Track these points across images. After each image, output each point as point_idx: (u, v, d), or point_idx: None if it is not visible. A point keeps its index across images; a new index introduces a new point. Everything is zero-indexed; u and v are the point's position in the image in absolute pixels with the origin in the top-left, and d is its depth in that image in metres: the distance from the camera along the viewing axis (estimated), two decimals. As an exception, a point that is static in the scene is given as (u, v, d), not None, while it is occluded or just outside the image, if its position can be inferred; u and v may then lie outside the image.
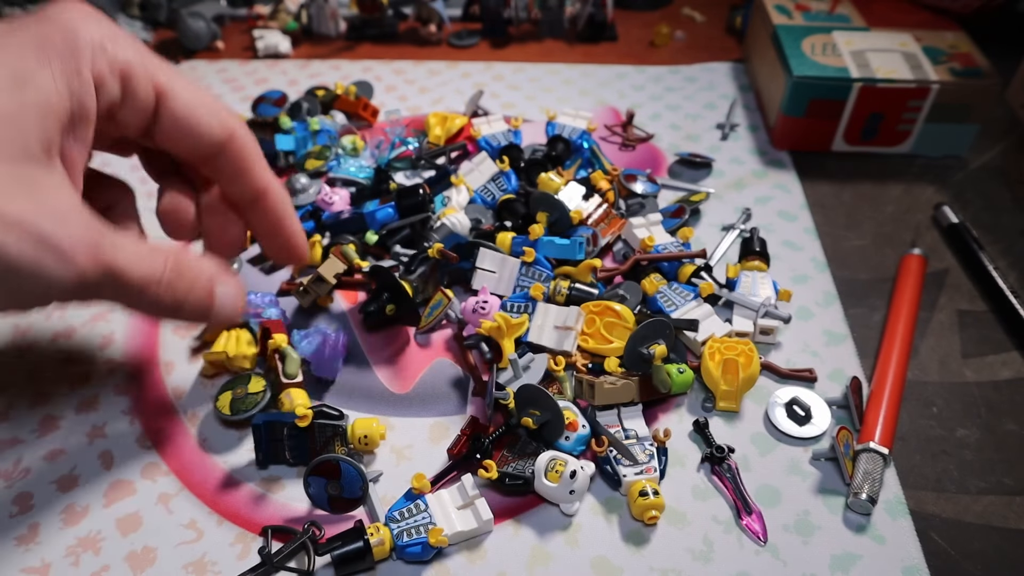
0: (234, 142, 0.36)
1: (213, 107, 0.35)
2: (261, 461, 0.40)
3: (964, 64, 0.60)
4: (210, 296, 0.36)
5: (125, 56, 0.32)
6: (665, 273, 0.50)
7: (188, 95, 0.34)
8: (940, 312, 0.50)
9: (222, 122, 0.35)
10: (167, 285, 0.33)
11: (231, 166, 0.36)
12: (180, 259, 0.34)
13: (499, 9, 0.78)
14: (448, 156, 0.61)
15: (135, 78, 0.32)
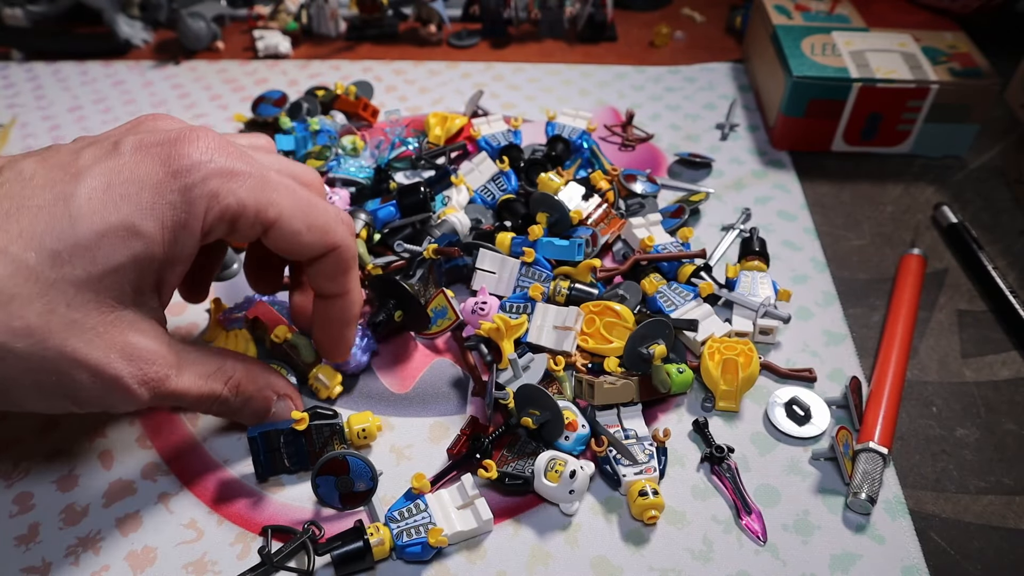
0: (334, 254, 0.38)
1: (319, 224, 0.36)
2: (260, 474, 0.40)
3: (963, 64, 0.60)
4: (266, 411, 0.40)
5: (237, 199, 0.33)
6: (665, 273, 0.50)
7: (295, 222, 0.35)
8: (939, 312, 0.50)
9: (324, 240, 0.37)
10: (222, 403, 0.38)
11: (327, 270, 0.38)
12: (240, 379, 0.38)
13: (499, 9, 0.78)
14: (448, 156, 0.62)
15: (243, 219, 0.34)
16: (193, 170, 0.32)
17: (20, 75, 0.77)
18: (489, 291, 0.48)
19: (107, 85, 0.75)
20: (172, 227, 0.32)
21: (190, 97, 0.73)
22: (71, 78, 0.76)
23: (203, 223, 0.33)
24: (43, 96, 0.74)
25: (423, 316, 0.46)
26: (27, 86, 0.75)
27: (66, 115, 0.71)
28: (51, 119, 0.71)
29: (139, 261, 0.31)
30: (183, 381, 0.35)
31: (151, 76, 0.76)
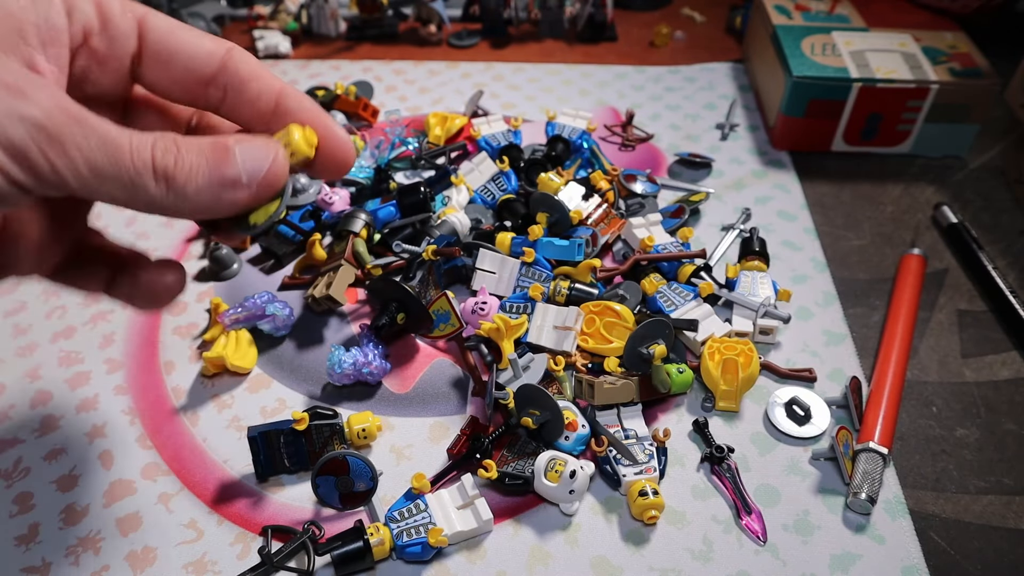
0: (232, 55, 0.30)
1: (199, 32, 0.30)
2: (260, 474, 0.40)
3: (963, 64, 0.60)
4: (227, 161, 0.27)
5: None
6: (665, 273, 0.50)
7: (171, 22, 0.29)
8: (939, 312, 0.50)
9: (214, 39, 0.30)
10: (162, 153, 0.26)
11: (236, 79, 0.29)
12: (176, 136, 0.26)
13: (499, 9, 0.78)
14: (448, 156, 0.62)
15: (110, 4, 0.28)
16: None
17: (20, 75, 0.77)
18: (489, 291, 0.48)
19: (107, 85, 0.75)
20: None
21: (190, 97, 0.73)
22: (71, 78, 0.76)
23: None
24: (43, 96, 0.74)
25: (425, 317, 0.46)
26: (27, 86, 0.75)
27: (66, 115, 0.71)
28: (51, 119, 0.70)
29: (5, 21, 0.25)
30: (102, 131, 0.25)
31: (151, 76, 0.76)
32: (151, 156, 0.25)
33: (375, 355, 0.45)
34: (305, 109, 0.30)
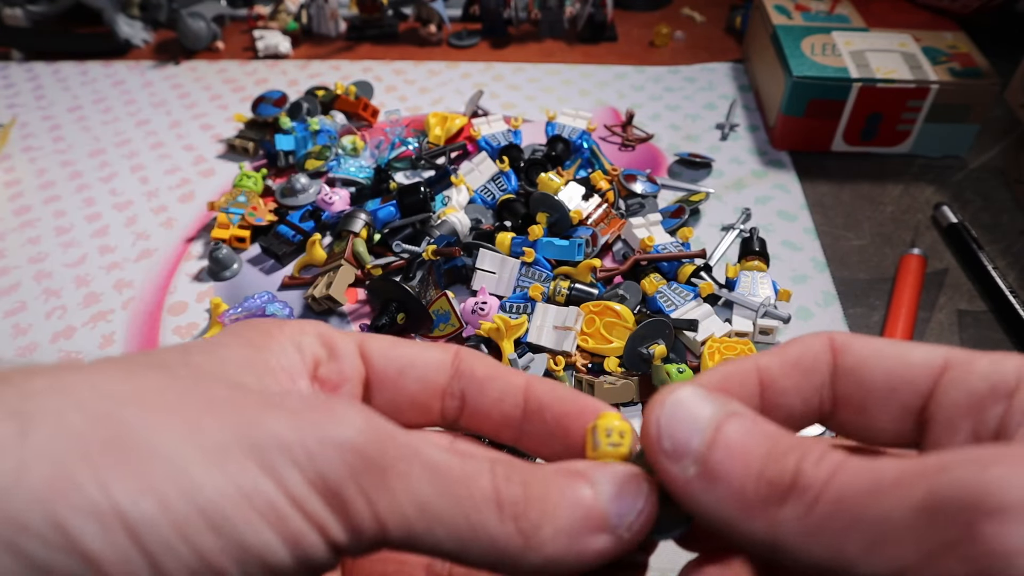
0: (461, 357, 0.23)
1: (420, 343, 0.24)
2: None
3: (963, 64, 0.60)
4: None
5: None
6: (665, 273, 0.50)
7: (389, 340, 0.24)
8: (940, 312, 0.50)
9: (438, 347, 0.24)
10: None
11: (472, 383, 0.23)
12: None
13: (499, 9, 0.78)
14: (448, 156, 0.62)
15: (330, 332, 0.23)
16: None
17: (20, 75, 0.77)
18: (489, 291, 0.48)
19: (107, 85, 0.75)
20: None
21: (190, 97, 0.73)
22: (71, 78, 0.76)
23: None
24: (43, 96, 0.74)
25: (425, 317, 0.46)
26: (27, 86, 0.75)
27: (66, 115, 0.71)
28: (51, 119, 0.71)
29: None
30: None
31: (151, 76, 0.76)
32: (492, 485, 0.18)
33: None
34: (566, 400, 0.22)
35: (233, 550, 0.15)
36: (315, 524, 0.16)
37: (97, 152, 0.66)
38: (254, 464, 0.15)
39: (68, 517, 0.13)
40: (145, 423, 0.15)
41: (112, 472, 0.14)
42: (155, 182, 0.63)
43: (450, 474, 0.18)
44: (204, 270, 0.54)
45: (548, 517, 0.18)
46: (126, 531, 0.14)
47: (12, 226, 0.59)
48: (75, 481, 0.13)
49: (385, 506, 0.17)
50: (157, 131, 0.69)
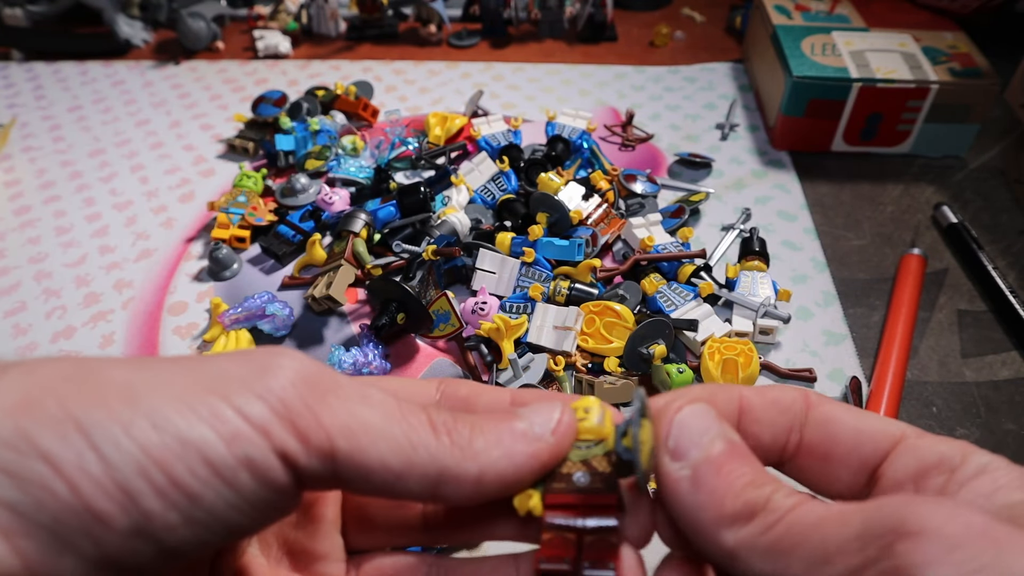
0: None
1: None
2: None
3: (963, 64, 0.60)
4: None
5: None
6: (665, 273, 0.50)
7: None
8: (939, 312, 0.50)
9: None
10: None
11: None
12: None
13: (499, 9, 0.78)
14: (448, 156, 0.62)
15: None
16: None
17: (20, 75, 0.77)
18: (489, 291, 0.48)
19: (107, 85, 0.75)
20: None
21: (190, 97, 0.73)
22: (71, 78, 0.76)
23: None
24: (43, 96, 0.74)
25: (425, 317, 0.46)
26: (27, 86, 0.75)
27: (66, 115, 0.71)
28: (51, 119, 0.71)
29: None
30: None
31: (151, 76, 0.76)
32: (425, 413, 0.21)
33: (375, 355, 0.45)
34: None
35: (174, 444, 0.17)
36: (260, 430, 0.18)
37: (97, 152, 0.66)
38: (203, 391, 0.18)
39: (29, 426, 0.16)
40: (110, 368, 0.18)
41: (71, 395, 0.17)
42: (155, 182, 0.63)
43: (386, 403, 0.20)
44: (204, 270, 0.54)
45: (478, 432, 0.21)
46: (81, 435, 0.16)
47: (12, 226, 0.59)
48: (38, 401, 0.16)
49: (329, 418, 0.19)
50: (157, 131, 0.69)
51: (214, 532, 0.18)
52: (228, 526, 0.18)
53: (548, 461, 0.21)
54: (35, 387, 0.17)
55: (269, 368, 0.19)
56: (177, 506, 0.17)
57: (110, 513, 0.16)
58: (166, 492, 0.17)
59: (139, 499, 0.17)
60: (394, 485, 0.20)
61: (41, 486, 0.16)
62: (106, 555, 0.17)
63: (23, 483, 0.16)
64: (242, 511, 0.18)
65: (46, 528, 0.16)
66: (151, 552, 0.17)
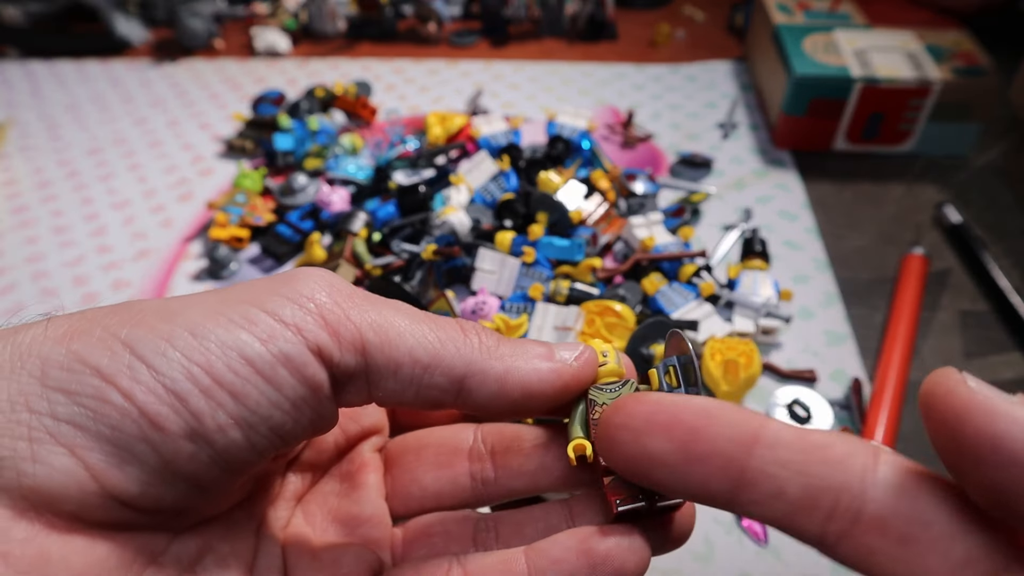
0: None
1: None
2: None
3: (966, 63, 0.59)
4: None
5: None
6: (666, 273, 0.50)
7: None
8: (942, 312, 0.50)
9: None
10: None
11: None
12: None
13: (499, 8, 0.78)
14: (448, 156, 0.61)
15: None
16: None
17: (17, 73, 0.77)
18: (489, 291, 0.48)
19: (105, 84, 0.75)
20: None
21: (188, 96, 0.72)
22: (68, 77, 0.76)
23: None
24: (40, 95, 0.73)
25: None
26: (24, 85, 0.75)
27: (63, 114, 0.71)
28: (48, 118, 0.70)
29: None
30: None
31: (149, 75, 0.76)
32: (455, 321, 0.22)
33: None
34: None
35: (214, 348, 0.18)
36: (292, 328, 0.19)
37: (95, 151, 0.66)
38: (235, 302, 0.19)
39: (79, 348, 0.18)
40: (146, 303, 0.19)
41: (114, 321, 0.18)
42: (153, 181, 0.62)
43: (413, 311, 0.21)
44: (203, 270, 0.54)
45: (506, 343, 0.22)
46: (128, 350, 0.18)
47: (9, 225, 0.59)
48: (85, 329, 0.18)
49: (358, 315, 0.20)
50: (155, 130, 0.68)
51: (261, 434, 0.19)
52: (273, 427, 0.19)
53: (570, 383, 0.22)
54: (80, 320, 0.18)
55: (296, 277, 0.20)
56: (224, 405, 0.18)
57: (163, 416, 0.17)
58: (212, 392, 0.18)
59: (188, 400, 0.18)
60: (421, 378, 0.21)
61: (97, 398, 0.17)
62: (166, 461, 0.18)
63: (80, 398, 0.17)
64: (284, 410, 0.19)
65: (107, 439, 0.17)
66: (207, 458, 0.18)
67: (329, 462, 0.26)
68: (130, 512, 0.18)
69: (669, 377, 0.22)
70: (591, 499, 0.23)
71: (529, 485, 0.25)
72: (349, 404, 0.21)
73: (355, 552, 0.23)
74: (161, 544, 0.19)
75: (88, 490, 0.17)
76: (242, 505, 0.23)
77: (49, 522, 0.17)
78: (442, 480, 0.25)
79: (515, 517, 0.24)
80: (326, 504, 0.25)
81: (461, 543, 0.24)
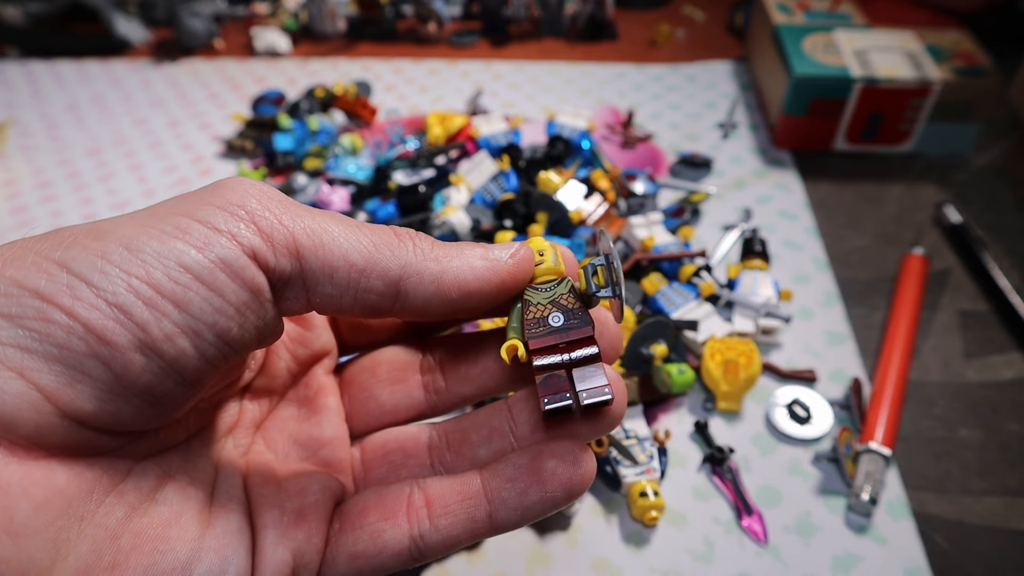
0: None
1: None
2: None
3: (966, 63, 0.59)
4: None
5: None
6: (666, 273, 0.50)
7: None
8: (942, 312, 0.50)
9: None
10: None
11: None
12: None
13: (499, 8, 0.78)
14: (448, 156, 0.61)
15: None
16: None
17: (17, 73, 0.77)
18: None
19: (104, 84, 0.75)
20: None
21: (188, 96, 0.72)
22: (68, 77, 0.76)
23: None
24: (40, 95, 0.73)
25: None
26: (24, 85, 0.75)
27: (63, 114, 0.71)
28: (48, 117, 0.70)
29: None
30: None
31: (149, 75, 0.76)
32: (389, 228, 0.22)
33: None
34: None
35: (151, 259, 0.18)
36: (227, 235, 0.19)
37: (95, 151, 0.66)
38: (166, 215, 0.19)
39: (14, 273, 0.17)
40: (75, 227, 0.19)
41: (46, 246, 0.18)
42: (153, 181, 0.62)
43: (346, 219, 0.22)
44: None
45: (438, 246, 0.22)
46: (64, 270, 0.17)
47: (9, 226, 0.59)
48: (18, 256, 0.18)
49: (290, 220, 0.20)
50: (155, 130, 0.68)
51: (209, 342, 0.19)
52: (219, 333, 0.19)
53: (507, 280, 0.23)
54: (10, 248, 0.18)
55: (224, 185, 0.20)
56: (168, 315, 0.18)
57: (110, 330, 0.17)
58: (154, 302, 0.18)
59: (132, 312, 0.18)
60: (358, 282, 0.21)
61: (40, 319, 0.17)
62: (117, 376, 0.18)
63: (22, 321, 0.17)
64: (229, 315, 0.19)
65: (55, 358, 0.17)
66: (158, 369, 0.18)
67: (284, 388, 0.26)
68: (88, 432, 0.18)
69: (597, 277, 0.23)
70: (528, 398, 0.24)
71: (476, 390, 0.26)
72: (290, 312, 0.22)
73: (321, 480, 0.24)
74: (121, 472, 0.19)
75: (43, 411, 0.17)
76: (200, 435, 0.23)
77: (8, 449, 0.17)
78: (398, 394, 0.26)
79: (461, 425, 0.25)
80: (286, 429, 0.26)
81: (417, 458, 0.25)
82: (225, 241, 0.19)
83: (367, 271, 0.21)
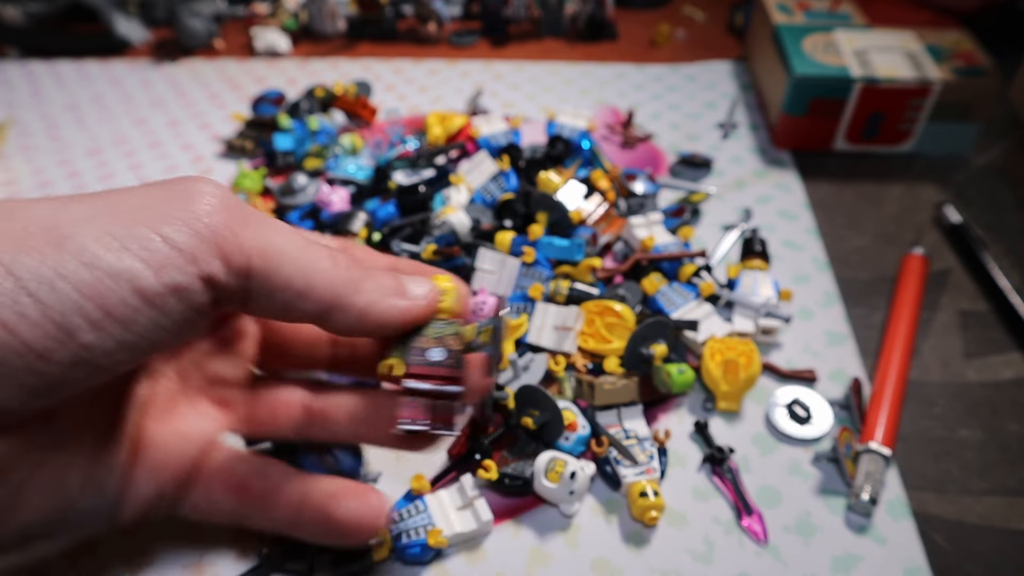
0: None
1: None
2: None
3: (966, 63, 0.59)
4: (398, 291, 0.26)
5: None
6: (665, 273, 0.50)
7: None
8: (942, 312, 0.50)
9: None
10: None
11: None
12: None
13: (499, 8, 0.78)
14: (448, 156, 0.61)
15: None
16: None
17: (17, 73, 0.77)
18: (489, 291, 0.48)
19: (104, 84, 0.75)
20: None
21: (188, 96, 0.72)
22: (68, 76, 0.76)
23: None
24: (40, 95, 0.74)
25: None
26: (23, 85, 0.75)
27: (63, 114, 0.71)
28: (48, 118, 0.70)
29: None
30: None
31: (149, 75, 0.76)
32: (327, 250, 0.25)
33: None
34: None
35: (107, 279, 0.19)
36: (188, 258, 0.20)
37: (94, 151, 0.66)
38: (131, 222, 0.20)
39: None
40: (32, 208, 0.19)
41: (2, 241, 0.18)
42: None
43: (294, 234, 0.24)
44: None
45: (369, 277, 0.25)
46: (13, 281, 0.17)
47: (9, 225, 0.59)
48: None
49: (249, 240, 0.22)
50: (155, 130, 0.68)
51: (143, 352, 0.20)
52: (155, 344, 0.20)
53: (417, 317, 0.26)
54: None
55: (192, 195, 0.21)
56: (113, 335, 0.19)
57: (50, 349, 0.18)
58: (102, 324, 0.19)
59: (77, 334, 0.18)
60: (293, 303, 0.23)
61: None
62: (47, 384, 0.19)
63: None
64: (168, 330, 0.20)
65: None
66: (87, 375, 0.19)
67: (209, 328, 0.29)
68: (2, 418, 0.19)
69: (485, 335, 0.27)
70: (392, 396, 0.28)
71: (366, 373, 0.31)
72: (221, 313, 0.24)
73: (211, 416, 0.28)
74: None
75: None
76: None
77: None
78: (310, 357, 0.30)
79: (340, 396, 0.29)
80: (200, 364, 0.28)
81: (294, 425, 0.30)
82: (183, 263, 0.20)
83: (303, 295, 0.23)
